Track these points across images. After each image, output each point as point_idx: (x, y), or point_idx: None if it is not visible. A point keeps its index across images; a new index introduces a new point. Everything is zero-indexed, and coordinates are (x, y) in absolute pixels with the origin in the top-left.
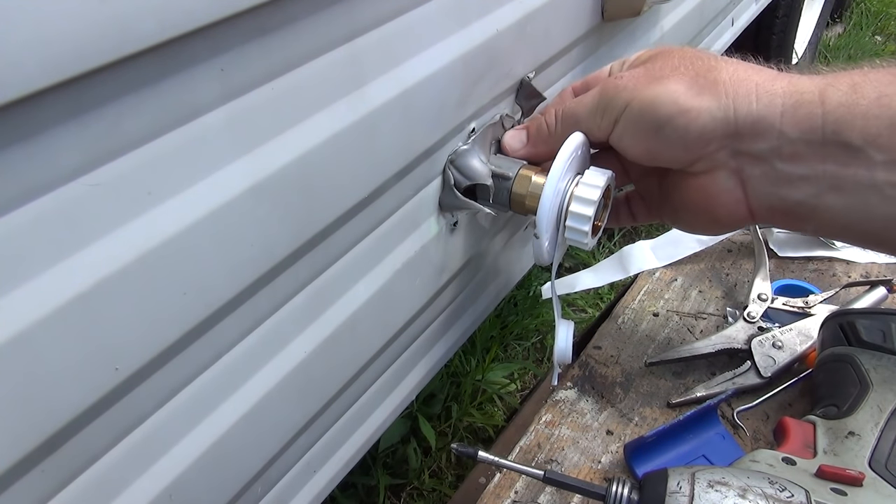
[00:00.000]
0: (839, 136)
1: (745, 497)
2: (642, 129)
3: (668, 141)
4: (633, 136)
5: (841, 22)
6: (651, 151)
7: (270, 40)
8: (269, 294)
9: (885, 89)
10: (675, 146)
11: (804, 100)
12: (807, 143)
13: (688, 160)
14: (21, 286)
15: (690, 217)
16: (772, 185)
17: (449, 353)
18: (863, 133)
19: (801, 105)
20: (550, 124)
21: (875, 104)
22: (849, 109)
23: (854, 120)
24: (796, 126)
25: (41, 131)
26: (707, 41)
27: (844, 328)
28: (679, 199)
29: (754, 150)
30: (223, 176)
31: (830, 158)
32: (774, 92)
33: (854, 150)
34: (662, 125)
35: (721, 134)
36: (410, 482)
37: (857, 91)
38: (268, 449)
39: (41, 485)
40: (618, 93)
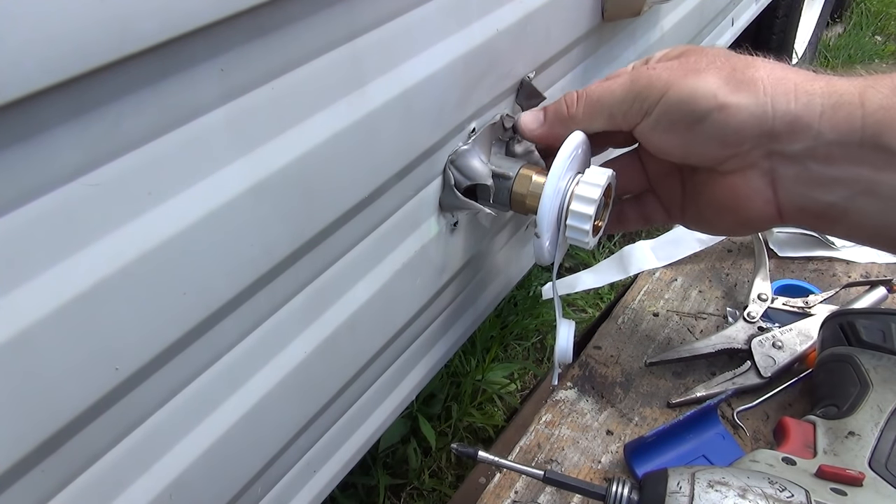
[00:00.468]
0: (878, 140)
1: (745, 497)
2: (678, 121)
3: (704, 136)
4: (666, 128)
5: (841, 22)
6: (685, 146)
7: (270, 40)
8: (269, 294)
9: None
10: (711, 142)
11: (844, 101)
12: (843, 145)
13: (722, 157)
14: (21, 286)
15: (716, 217)
16: (804, 186)
17: (449, 353)
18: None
19: (840, 106)
20: (571, 105)
21: None
22: (889, 112)
23: (895, 123)
24: (835, 128)
25: (41, 131)
26: (707, 41)
27: (844, 328)
28: (706, 198)
29: (789, 150)
30: (223, 176)
31: (867, 162)
32: (813, 92)
33: (892, 153)
34: (700, 119)
35: (758, 132)
36: (410, 482)
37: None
38: (268, 449)
39: (41, 485)
40: (652, 82)
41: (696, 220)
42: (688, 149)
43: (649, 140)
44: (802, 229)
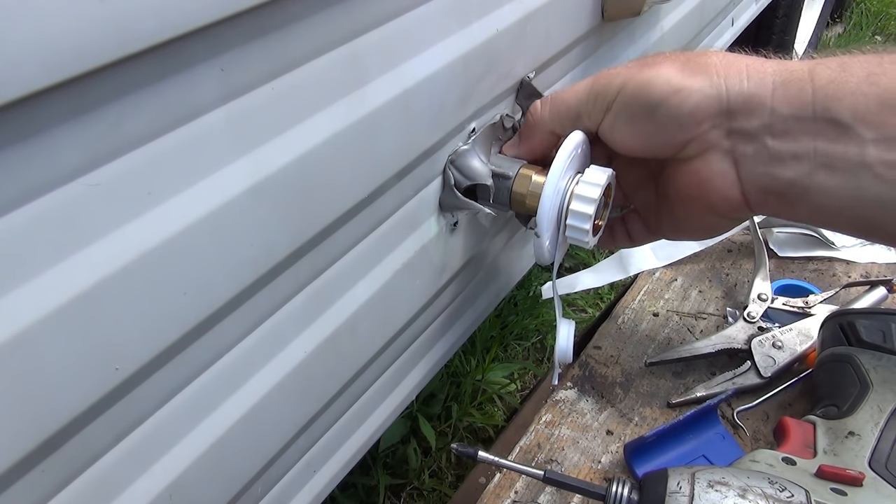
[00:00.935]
0: (829, 113)
1: (745, 497)
2: (636, 111)
3: (662, 122)
4: (626, 120)
5: (841, 22)
6: (645, 136)
7: (270, 40)
8: (269, 294)
9: (873, 69)
10: (670, 127)
11: (794, 77)
12: (798, 119)
13: (682, 141)
14: (21, 286)
15: (685, 213)
16: (764, 164)
17: (449, 353)
18: (852, 110)
19: (791, 82)
20: (536, 110)
21: (864, 82)
22: (838, 86)
23: (843, 97)
24: (787, 103)
25: (41, 131)
26: (707, 41)
27: (844, 328)
28: (673, 193)
29: (746, 127)
30: (223, 176)
31: (821, 135)
32: (765, 71)
33: (844, 126)
34: (657, 105)
35: (714, 112)
36: (410, 482)
37: (845, 70)
38: (268, 449)
39: (41, 485)
40: (610, 79)
41: (670, 223)
42: (649, 138)
43: (613, 136)
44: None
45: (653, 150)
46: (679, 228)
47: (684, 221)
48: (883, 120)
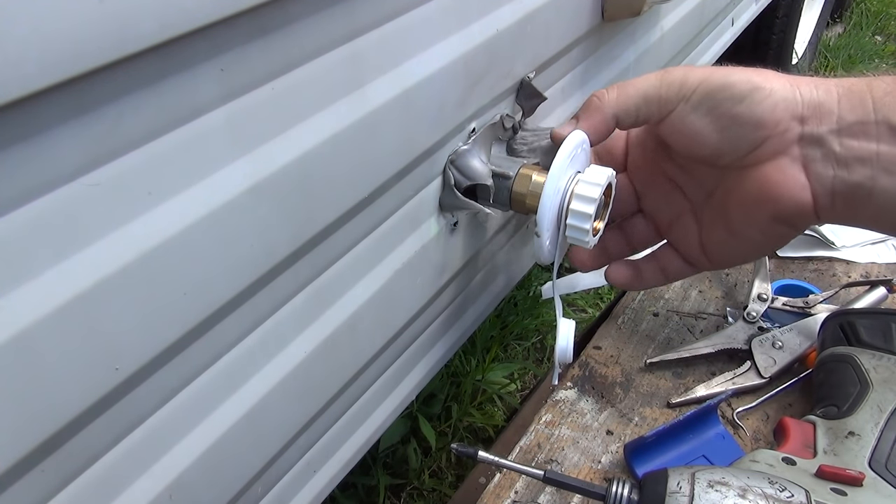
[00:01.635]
0: (889, 121)
1: (745, 497)
2: (718, 102)
3: (744, 117)
4: (706, 111)
5: (841, 22)
6: (722, 130)
7: (270, 40)
8: (269, 294)
9: None
10: (749, 123)
11: (855, 89)
12: (861, 124)
13: (759, 139)
14: (21, 286)
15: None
16: (832, 168)
17: (449, 353)
18: None
19: (853, 94)
20: (602, 94)
21: None
22: (894, 97)
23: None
24: (852, 111)
25: (41, 131)
26: (707, 41)
27: (844, 328)
28: (738, 202)
29: (816, 132)
30: (223, 176)
31: (883, 140)
32: (829, 83)
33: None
34: (741, 99)
35: (790, 114)
36: (410, 482)
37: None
38: (268, 449)
39: (41, 485)
40: (686, 72)
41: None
42: (724, 133)
43: (685, 127)
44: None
45: (723, 147)
46: (730, 249)
47: (740, 237)
48: None
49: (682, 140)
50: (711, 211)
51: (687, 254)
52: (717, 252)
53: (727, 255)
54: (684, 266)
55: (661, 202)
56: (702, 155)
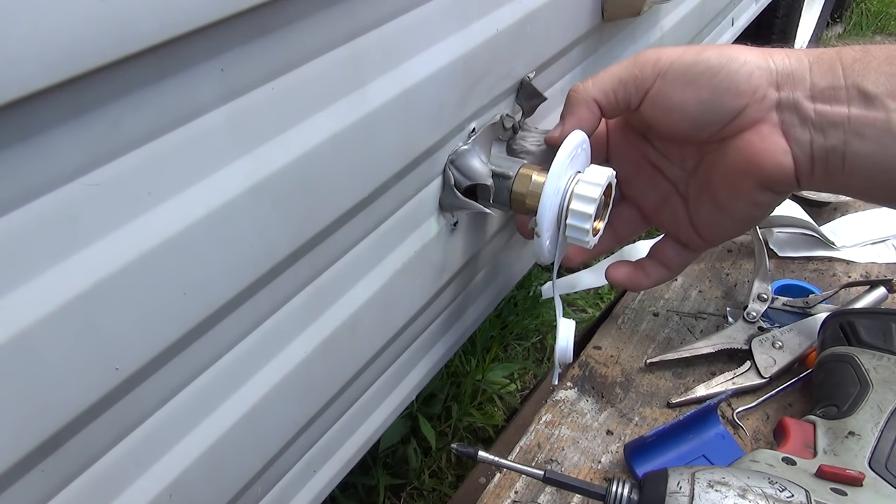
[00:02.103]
0: (858, 85)
1: (745, 497)
2: (694, 75)
3: (721, 87)
4: (683, 85)
5: (841, 22)
6: (702, 102)
7: (270, 40)
8: (269, 294)
9: (891, 52)
10: (728, 93)
11: (825, 57)
12: (833, 89)
13: (738, 107)
14: (21, 286)
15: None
16: (809, 131)
17: (449, 353)
18: (876, 83)
19: (823, 61)
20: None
21: (885, 62)
22: (864, 65)
23: (868, 73)
24: (823, 77)
25: (41, 131)
26: (707, 41)
27: (844, 328)
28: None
29: (791, 98)
30: (223, 176)
31: (854, 103)
32: (799, 53)
33: (871, 97)
34: (717, 70)
35: (766, 81)
36: (410, 482)
37: (868, 53)
38: (268, 449)
39: (41, 485)
40: (659, 52)
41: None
42: (704, 105)
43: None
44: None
45: (704, 119)
46: (720, 224)
47: (728, 209)
48: None
49: (663, 118)
50: (696, 188)
51: (678, 236)
52: (708, 228)
53: (718, 230)
54: (681, 251)
55: (645, 187)
56: (683, 131)
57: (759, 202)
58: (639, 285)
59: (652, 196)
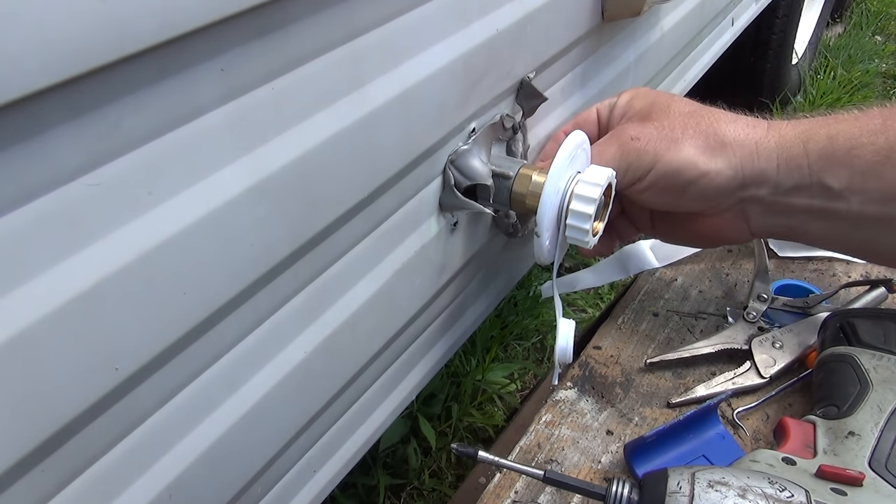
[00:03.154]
0: (822, 181)
1: (745, 497)
2: (667, 188)
3: (691, 197)
4: (656, 193)
5: (841, 22)
6: (670, 205)
7: (270, 40)
8: (269, 294)
9: (854, 142)
10: (695, 201)
11: (793, 154)
12: (797, 187)
13: (704, 208)
14: (21, 286)
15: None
16: (770, 216)
17: (449, 353)
18: (839, 179)
19: (791, 159)
20: None
21: (847, 156)
22: (828, 161)
23: (832, 169)
24: (790, 177)
25: (41, 131)
26: (707, 41)
27: (844, 328)
28: (684, 230)
29: (757, 195)
30: (223, 176)
31: (816, 196)
32: (770, 148)
33: (834, 192)
34: (686, 186)
35: (732, 188)
36: (410, 482)
37: (832, 143)
38: (268, 449)
39: (41, 484)
40: (640, 156)
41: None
42: (676, 206)
43: (641, 199)
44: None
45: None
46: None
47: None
48: (863, 186)
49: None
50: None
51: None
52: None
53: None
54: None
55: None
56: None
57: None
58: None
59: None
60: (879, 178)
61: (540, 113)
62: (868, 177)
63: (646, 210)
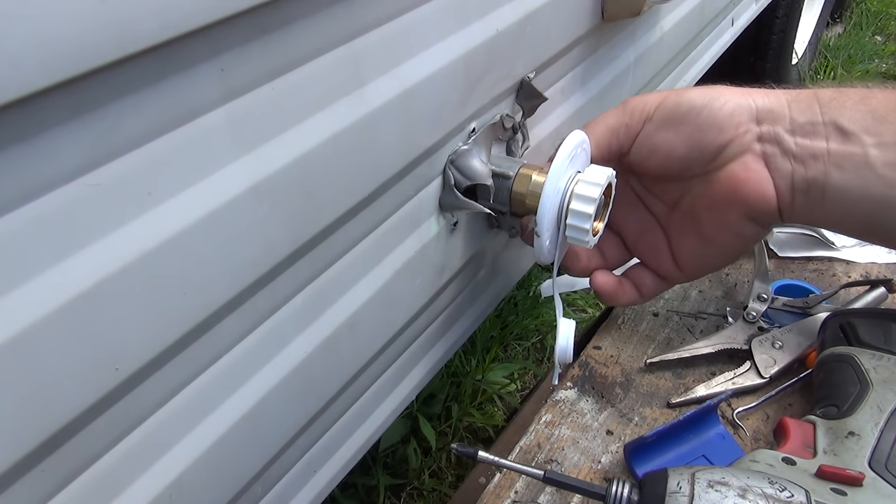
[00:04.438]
0: (835, 122)
1: (745, 497)
2: (680, 116)
3: (706, 124)
4: (670, 125)
5: (841, 22)
6: (688, 139)
7: (270, 40)
8: (269, 294)
9: (864, 93)
10: (712, 129)
11: (802, 96)
12: (812, 124)
13: (723, 142)
14: (21, 286)
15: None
16: (790, 162)
17: (449, 353)
18: (852, 120)
19: (801, 99)
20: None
21: (859, 102)
22: (840, 103)
23: (844, 111)
24: (802, 113)
25: (41, 131)
26: (707, 41)
27: (844, 328)
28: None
29: (772, 132)
30: (223, 176)
31: (831, 138)
32: (777, 92)
33: (848, 133)
34: (701, 108)
35: (747, 117)
36: (410, 482)
37: (842, 93)
38: (268, 449)
39: (42, 484)
40: (644, 98)
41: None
42: (690, 142)
43: (653, 143)
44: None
45: (690, 156)
46: (703, 257)
47: (713, 242)
48: (878, 129)
49: (652, 159)
50: (679, 222)
51: (658, 268)
52: (690, 261)
53: (700, 263)
54: (657, 281)
55: (628, 216)
56: (671, 170)
57: (743, 234)
58: (615, 300)
59: (633, 226)
60: (893, 122)
61: (540, 113)
62: (881, 120)
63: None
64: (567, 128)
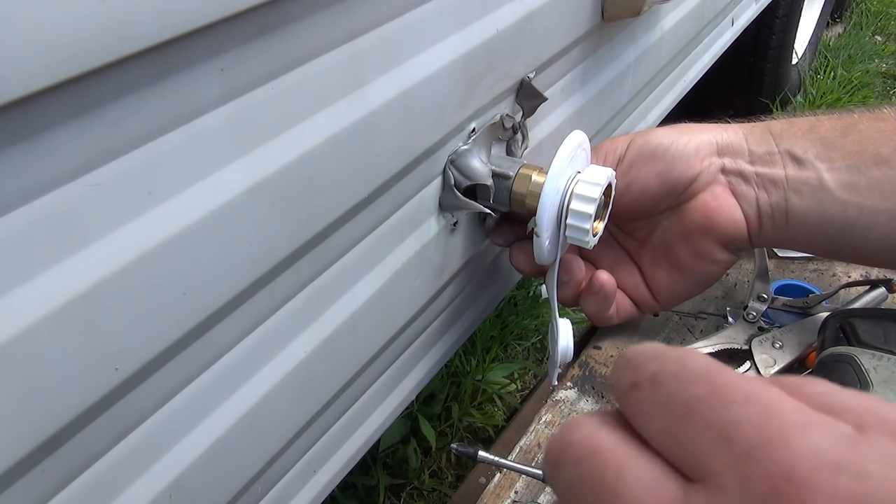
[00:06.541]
0: (790, 151)
1: None
2: (649, 154)
3: (674, 159)
4: (642, 163)
5: (841, 22)
6: (660, 173)
7: (270, 40)
8: (269, 294)
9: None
10: (680, 163)
11: (756, 130)
12: (769, 154)
13: (691, 175)
14: (21, 286)
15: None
16: (753, 189)
17: (449, 353)
18: (804, 150)
19: (756, 132)
20: None
21: (808, 132)
22: (791, 133)
23: (796, 140)
24: (758, 145)
25: (41, 131)
26: (707, 41)
27: (844, 328)
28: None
29: (735, 163)
30: (223, 176)
31: (788, 165)
32: (734, 127)
33: (801, 160)
34: (667, 147)
35: (711, 151)
36: (410, 482)
37: (792, 124)
38: (268, 449)
39: (42, 484)
40: (615, 140)
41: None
42: (662, 177)
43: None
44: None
45: (663, 191)
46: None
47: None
48: (828, 155)
49: (626, 195)
50: (652, 254)
51: (634, 296)
52: (664, 290)
53: (674, 292)
54: (632, 308)
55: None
56: (643, 205)
57: (718, 260)
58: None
59: (608, 259)
60: (841, 149)
61: (540, 113)
62: (829, 147)
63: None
64: (567, 128)
